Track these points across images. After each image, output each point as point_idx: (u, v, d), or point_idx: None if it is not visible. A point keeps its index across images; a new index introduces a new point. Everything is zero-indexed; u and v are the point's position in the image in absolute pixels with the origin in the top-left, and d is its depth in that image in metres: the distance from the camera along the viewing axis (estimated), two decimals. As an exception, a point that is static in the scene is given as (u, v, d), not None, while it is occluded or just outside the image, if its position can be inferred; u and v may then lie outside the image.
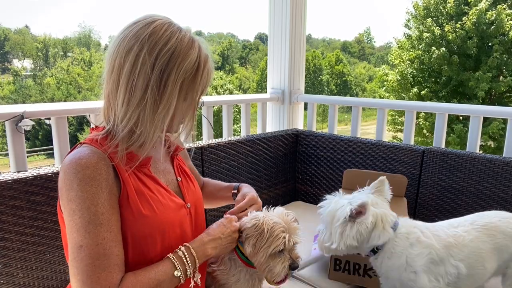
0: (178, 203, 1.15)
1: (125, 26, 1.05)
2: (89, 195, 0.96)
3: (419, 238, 1.34)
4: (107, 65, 1.05)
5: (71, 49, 48.93)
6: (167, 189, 1.14)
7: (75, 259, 0.95)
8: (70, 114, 1.99)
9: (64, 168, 1.00)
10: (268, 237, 1.14)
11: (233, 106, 2.77)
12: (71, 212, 0.97)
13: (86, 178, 0.97)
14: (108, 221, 0.98)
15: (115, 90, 1.03)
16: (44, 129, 27.87)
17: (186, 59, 1.02)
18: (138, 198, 1.04)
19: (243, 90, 41.37)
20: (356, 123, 2.77)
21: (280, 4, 2.90)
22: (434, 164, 2.15)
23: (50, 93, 36.18)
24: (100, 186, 0.98)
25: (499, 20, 13.82)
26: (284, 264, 1.15)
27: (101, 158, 1.01)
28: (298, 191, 2.74)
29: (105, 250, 0.96)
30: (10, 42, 52.36)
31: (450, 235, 1.37)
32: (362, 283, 1.67)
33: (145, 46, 0.99)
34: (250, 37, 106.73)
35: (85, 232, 0.95)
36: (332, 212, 1.34)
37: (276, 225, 1.16)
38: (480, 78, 14.12)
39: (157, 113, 1.02)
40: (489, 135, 13.73)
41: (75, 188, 0.96)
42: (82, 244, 0.95)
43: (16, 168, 1.75)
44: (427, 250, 1.32)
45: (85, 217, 0.95)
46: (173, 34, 1.02)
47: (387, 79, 16.44)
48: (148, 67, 0.99)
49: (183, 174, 1.25)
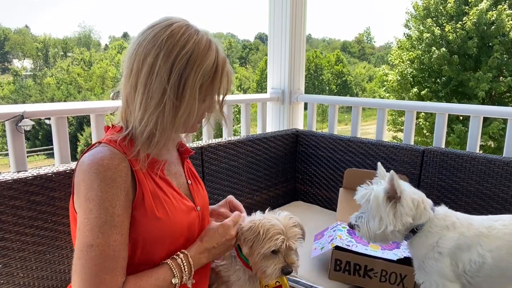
0: (189, 206, 1.16)
1: (143, 29, 1.06)
2: (109, 196, 0.97)
3: (454, 223, 1.37)
4: (125, 68, 1.05)
5: (71, 49, 48.97)
6: (179, 192, 1.15)
7: (83, 257, 0.95)
8: (70, 114, 1.98)
9: (84, 168, 1.00)
10: (263, 238, 1.15)
11: (233, 106, 2.77)
12: (87, 210, 0.97)
13: (108, 179, 0.97)
14: (121, 224, 0.99)
15: (133, 93, 1.03)
16: (44, 129, 27.88)
17: (204, 62, 1.02)
18: (153, 201, 1.05)
19: (243, 90, 41.37)
20: (356, 123, 2.77)
21: (280, 4, 2.90)
22: (434, 164, 2.14)
23: (50, 93, 36.19)
24: (120, 188, 0.99)
25: (500, 20, 13.82)
26: (276, 266, 1.15)
27: (121, 160, 1.01)
28: (298, 191, 2.73)
29: (114, 252, 0.96)
30: (10, 42, 52.39)
31: (485, 226, 1.37)
32: (362, 284, 1.67)
33: (163, 50, 0.99)
34: (250, 37, 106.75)
35: (99, 232, 0.95)
36: (377, 196, 1.36)
37: (272, 227, 1.17)
38: (480, 78, 14.11)
39: (177, 117, 1.03)
40: (489, 135, 13.73)
41: (95, 188, 0.97)
42: (93, 244, 0.95)
43: (16, 168, 1.75)
44: (457, 235, 1.34)
45: (102, 218, 0.96)
46: (191, 37, 1.02)
47: (387, 79, 16.44)
48: (165, 71, 0.99)
49: (192, 177, 1.27)
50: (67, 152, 1.91)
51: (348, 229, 1.81)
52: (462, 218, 1.40)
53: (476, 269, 1.32)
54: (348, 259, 1.66)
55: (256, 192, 2.42)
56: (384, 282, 1.63)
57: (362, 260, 1.64)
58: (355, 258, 1.65)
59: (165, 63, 0.99)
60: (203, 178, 2.09)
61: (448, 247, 1.33)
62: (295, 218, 1.25)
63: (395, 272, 1.60)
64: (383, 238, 1.37)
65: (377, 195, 1.36)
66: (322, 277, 1.72)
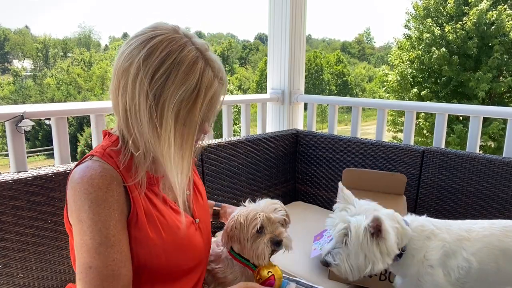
0: (187, 221, 1.13)
1: (130, 37, 1.00)
2: (101, 218, 0.94)
3: (433, 231, 1.35)
4: (112, 78, 1.01)
5: (71, 50, 48.99)
6: (174, 208, 1.12)
7: (84, 280, 0.94)
8: (70, 115, 1.98)
9: (74, 186, 0.96)
10: (246, 226, 1.18)
11: (233, 106, 2.77)
12: (81, 231, 0.95)
13: (99, 200, 0.94)
14: (118, 242, 0.97)
15: (123, 112, 0.98)
16: (44, 130, 27.88)
17: (182, 86, 0.93)
18: (146, 220, 1.03)
19: (243, 91, 41.37)
20: (356, 123, 2.77)
21: (280, 4, 2.90)
22: (434, 164, 2.15)
23: (50, 93, 36.20)
24: (112, 208, 0.96)
25: (500, 20, 13.82)
26: (265, 241, 1.18)
27: (113, 178, 0.97)
28: (298, 191, 2.74)
29: (113, 272, 0.95)
30: (10, 43, 52.41)
31: (464, 230, 1.36)
32: (362, 283, 1.67)
33: (141, 69, 0.92)
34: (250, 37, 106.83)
35: (95, 253, 0.94)
36: (358, 234, 1.25)
37: (250, 212, 1.20)
38: (480, 78, 14.12)
39: (160, 145, 0.96)
40: (489, 135, 13.73)
41: (86, 210, 0.94)
42: (91, 265, 0.94)
43: (16, 169, 1.75)
44: (441, 243, 1.32)
45: (96, 239, 0.94)
46: (171, 55, 0.93)
47: (387, 79, 16.44)
48: (144, 92, 0.93)
49: (193, 188, 1.23)
50: (67, 152, 1.91)
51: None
52: (439, 224, 1.38)
53: (464, 275, 1.32)
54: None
55: (256, 192, 2.42)
56: (384, 281, 1.63)
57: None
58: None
59: (144, 82, 0.92)
60: (203, 179, 2.09)
61: (437, 257, 1.32)
62: (275, 201, 1.27)
63: (395, 272, 1.60)
64: (369, 273, 1.29)
65: (358, 232, 1.25)
66: (322, 277, 1.72)
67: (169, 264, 1.08)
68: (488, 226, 1.38)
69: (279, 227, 1.21)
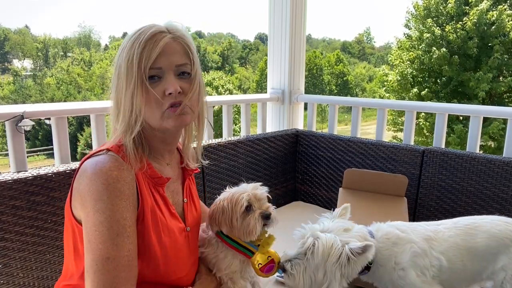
0: (179, 227, 1.15)
1: None
2: (120, 208, 0.97)
3: (398, 235, 1.35)
4: None
5: (71, 49, 48.97)
6: (173, 212, 1.15)
7: (100, 271, 0.93)
8: (70, 114, 1.98)
9: (90, 176, 0.98)
10: (231, 207, 1.21)
11: (233, 106, 2.77)
12: (97, 222, 0.95)
13: (117, 191, 0.97)
14: (133, 234, 0.99)
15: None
16: (44, 129, 27.87)
17: (127, 46, 1.03)
18: (151, 217, 1.06)
19: (243, 90, 41.37)
20: (356, 123, 2.77)
21: (280, 4, 2.90)
22: (434, 164, 2.15)
23: (50, 93, 36.19)
24: (129, 200, 0.99)
25: (500, 20, 13.82)
26: (255, 216, 1.21)
27: (129, 172, 1.01)
28: (298, 191, 2.73)
29: (129, 262, 0.96)
30: (10, 42, 52.38)
31: (430, 230, 1.38)
32: (362, 283, 1.66)
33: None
34: (250, 37, 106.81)
35: (113, 244, 0.95)
36: (326, 252, 1.23)
37: (234, 194, 1.23)
38: (481, 78, 14.12)
39: (116, 95, 1.04)
40: (489, 135, 13.73)
41: (105, 200, 0.95)
42: (109, 256, 0.94)
43: (16, 168, 1.75)
44: (409, 245, 1.33)
45: (114, 229, 0.95)
46: (135, 33, 1.04)
47: (387, 79, 16.44)
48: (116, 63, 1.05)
49: (189, 196, 1.26)
50: (67, 152, 1.91)
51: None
52: (404, 227, 1.39)
53: (438, 272, 1.32)
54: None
55: (256, 192, 2.42)
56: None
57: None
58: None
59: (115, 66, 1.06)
60: (203, 178, 2.09)
61: (407, 260, 1.31)
62: (253, 183, 1.31)
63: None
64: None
65: (328, 250, 1.23)
66: (322, 277, 1.71)
67: (162, 270, 1.09)
68: (451, 226, 1.40)
69: (266, 202, 1.26)
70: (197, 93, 1.10)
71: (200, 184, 2.08)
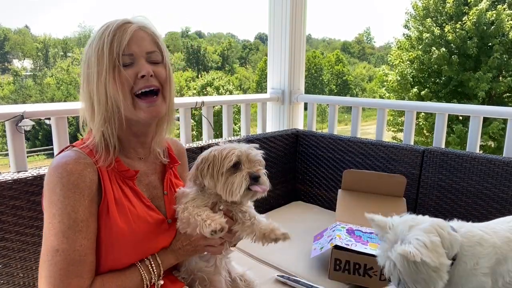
0: (158, 218, 1.15)
1: None
2: (71, 202, 0.98)
3: (482, 236, 1.27)
4: None
5: (71, 49, 48.95)
6: (148, 204, 1.15)
7: (49, 262, 0.96)
8: (70, 114, 1.98)
9: (49, 170, 1.01)
10: (220, 160, 1.12)
11: (233, 106, 2.77)
12: (51, 215, 0.98)
13: (70, 185, 0.99)
14: (86, 228, 1.00)
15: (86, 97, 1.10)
16: (44, 129, 27.86)
17: (99, 35, 1.05)
18: (116, 208, 1.06)
19: (243, 90, 41.36)
20: (356, 123, 2.77)
21: (280, 4, 2.90)
22: (434, 164, 2.15)
23: (50, 93, 36.18)
24: (83, 193, 1.00)
25: (499, 20, 13.82)
26: (243, 174, 1.11)
27: (87, 165, 1.02)
28: (298, 191, 2.73)
29: (80, 257, 0.98)
30: (10, 42, 52.37)
31: (506, 230, 1.30)
32: (362, 283, 1.67)
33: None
34: (250, 37, 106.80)
35: (63, 237, 0.97)
36: (406, 266, 1.18)
37: (226, 148, 1.15)
38: (480, 78, 14.12)
39: (88, 86, 1.05)
40: (489, 135, 13.73)
41: (57, 193, 0.98)
42: (58, 248, 0.96)
43: (16, 168, 1.75)
44: (492, 249, 1.25)
45: (65, 223, 0.97)
46: (103, 26, 1.07)
47: (387, 79, 16.44)
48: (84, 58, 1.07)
49: (171, 189, 1.24)
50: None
51: (348, 229, 1.81)
52: (484, 227, 1.31)
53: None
54: (347, 258, 1.66)
55: (256, 192, 2.42)
56: (384, 281, 1.62)
57: (361, 259, 1.64)
58: (355, 257, 1.65)
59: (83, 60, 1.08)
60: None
61: (489, 265, 1.24)
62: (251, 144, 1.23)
63: (395, 272, 1.60)
64: None
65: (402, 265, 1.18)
66: (322, 277, 1.72)
67: (137, 258, 1.10)
68: None
69: (258, 165, 1.16)
70: (169, 80, 1.12)
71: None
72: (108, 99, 1.03)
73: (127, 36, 1.04)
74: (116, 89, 1.03)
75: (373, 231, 1.83)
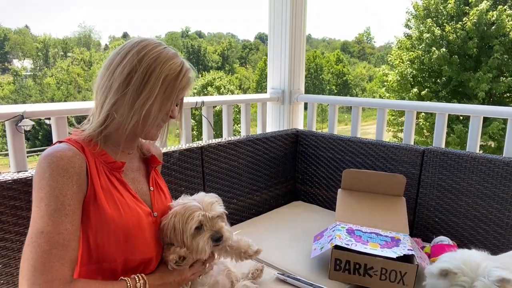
0: (144, 210, 1.17)
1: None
2: (59, 185, 0.99)
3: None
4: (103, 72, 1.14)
5: (71, 49, 48.92)
6: (135, 195, 1.17)
7: (32, 244, 0.95)
8: (70, 114, 1.98)
9: (39, 160, 1.03)
10: (182, 224, 1.16)
11: (233, 106, 2.77)
12: (38, 199, 0.99)
13: (59, 169, 1.00)
14: (72, 214, 1.01)
15: (102, 84, 1.11)
16: (44, 129, 27.86)
17: (170, 61, 1.12)
18: (104, 196, 1.08)
19: (243, 90, 41.35)
20: (356, 123, 2.77)
21: (280, 4, 2.90)
22: (434, 164, 2.15)
23: (50, 93, 36.17)
24: (71, 178, 1.02)
25: (500, 20, 13.81)
26: (205, 238, 1.16)
27: (76, 153, 1.05)
28: (298, 191, 2.73)
29: (64, 241, 0.97)
30: (10, 42, 52.35)
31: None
32: (363, 283, 1.67)
33: (136, 47, 1.11)
34: (250, 37, 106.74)
35: (49, 219, 0.97)
36: None
37: (187, 209, 1.18)
38: (481, 78, 14.11)
39: (137, 101, 1.08)
40: (489, 135, 13.72)
41: (46, 177, 0.99)
42: (43, 230, 0.96)
43: (16, 168, 1.75)
44: None
45: (52, 205, 0.98)
46: (161, 45, 1.14)
47: (387, 79, 16.44)
48: (136, 59, 1.09)
49: (156, 186, 1.29)
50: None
51: (348, 229, 1.82)
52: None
53: None
54: (347, 258, 1.66)
55: (256, 192, 2.43)
56: (384, 281, 1.63)
57: (361, 259, 1.64)
58: (355, 257, 1.65)
59: (136, 56, 1.09)
60: (203, 178, 2.09)
61: None
62: (211, 195, 1.27)
63: (395, 270, 1.60)
64: None
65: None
66: (322, 277, 1.71)
67: (126, 247, 1.11)
68: None
69: (219, 222, 1.21)
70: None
71: (200, 185, 2.08)
72: (133, 115, 1.09)
73: (189, 87, 1.18)
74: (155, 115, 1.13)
75: (373, 231, 1.83)
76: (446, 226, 2.13)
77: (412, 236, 2.02)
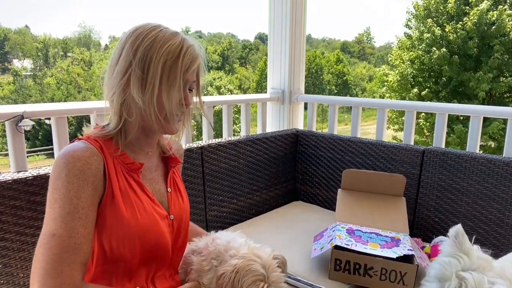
0: (160, 213, 1.16)
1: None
2: (75, 187, 0.98)
3: None
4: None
5: (71, 49, 48.89)
6: (151, 198, 1.15)
7: (44, 246, 0.94)
8: (70, 114, 1.98)
9: (56, 159, 1.02)
10: (240, 277, 1.04)
11: (233, 106, 2.77)
12: (52, 200, 0.98)
13: (76, 170, 0.98)
14: (86, 217, 0.99)
15: (107, 85, 1.10)
16: (44, 129, 27.86)
17: (166, 44, 1.05)
18: (122, 199, 1.06)
19: (243, 90, 41.35)
20: (356, 123, 2.77)
21: (280, 4, 2.90)
22: (434, 164, 2.15)
23: (50, 93, 36.17)
24: (87, 180, 1.00)
25: (500, 20, 13.82)
26: None
27: (94, 154, 1.03)
28: (298, 191, 2.74)
29: (75, 245, 0.96)
30: (10, 42, 52.34)
31: None
32: (363, 283, 1.67)
33: (130, 39, 1.06)
34: (250, 37, 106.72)
35: (62, 222, 0.95)
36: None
37: (251, 272, 1.05)
38: (481, 78, 14.12)
39: (142, 97, 1.05)
40: (489, 135, 13.73)
41: (62, 178, 0.98)
42: (55, 233, 0.95)
43: (16, 168, 1.75)
44: None
45: (66, 208, 0.96)
46: (157, 28, 1.07)
47: (387, 79, 16.44)
48: (130, 52, 1.04)
49: (174, 187, 1.26)
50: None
51: (348, 229, 1.82)
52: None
53: None
54: (348, 258, 1.66)
55: (256, 192, 2.43)
56: (384, 281, 1.63)
57: (362, 259, 1.64)
58: (355, 257, 1.65)
59: (132, 46, 1.05)
60: (203, 178, 2.09)
61: None
62: (278, 255, 1.14)
63: (395, 270, 1.60)
64: None
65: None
66: (322, 277, 1.71)
67: (142, 249, 1.10)
68: None
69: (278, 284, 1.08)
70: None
71: (200, 184, 2.08)
72: (144, 113, 1.07)
73: (200, 69, 1.14)
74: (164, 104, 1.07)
75: (373, 231, 1.83)
76: (446, 226, 2.13)
77: (412, 236, 2.02)
